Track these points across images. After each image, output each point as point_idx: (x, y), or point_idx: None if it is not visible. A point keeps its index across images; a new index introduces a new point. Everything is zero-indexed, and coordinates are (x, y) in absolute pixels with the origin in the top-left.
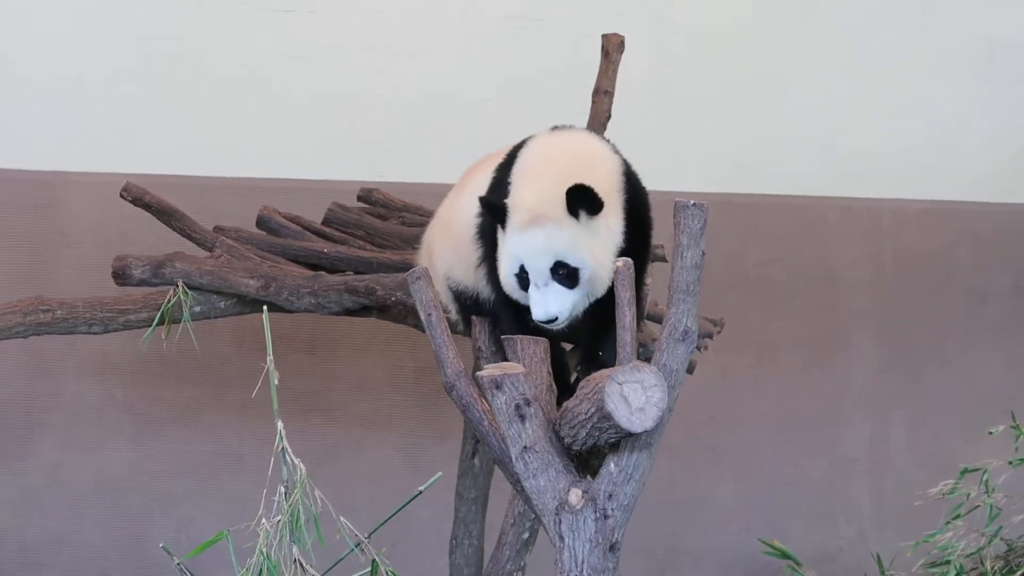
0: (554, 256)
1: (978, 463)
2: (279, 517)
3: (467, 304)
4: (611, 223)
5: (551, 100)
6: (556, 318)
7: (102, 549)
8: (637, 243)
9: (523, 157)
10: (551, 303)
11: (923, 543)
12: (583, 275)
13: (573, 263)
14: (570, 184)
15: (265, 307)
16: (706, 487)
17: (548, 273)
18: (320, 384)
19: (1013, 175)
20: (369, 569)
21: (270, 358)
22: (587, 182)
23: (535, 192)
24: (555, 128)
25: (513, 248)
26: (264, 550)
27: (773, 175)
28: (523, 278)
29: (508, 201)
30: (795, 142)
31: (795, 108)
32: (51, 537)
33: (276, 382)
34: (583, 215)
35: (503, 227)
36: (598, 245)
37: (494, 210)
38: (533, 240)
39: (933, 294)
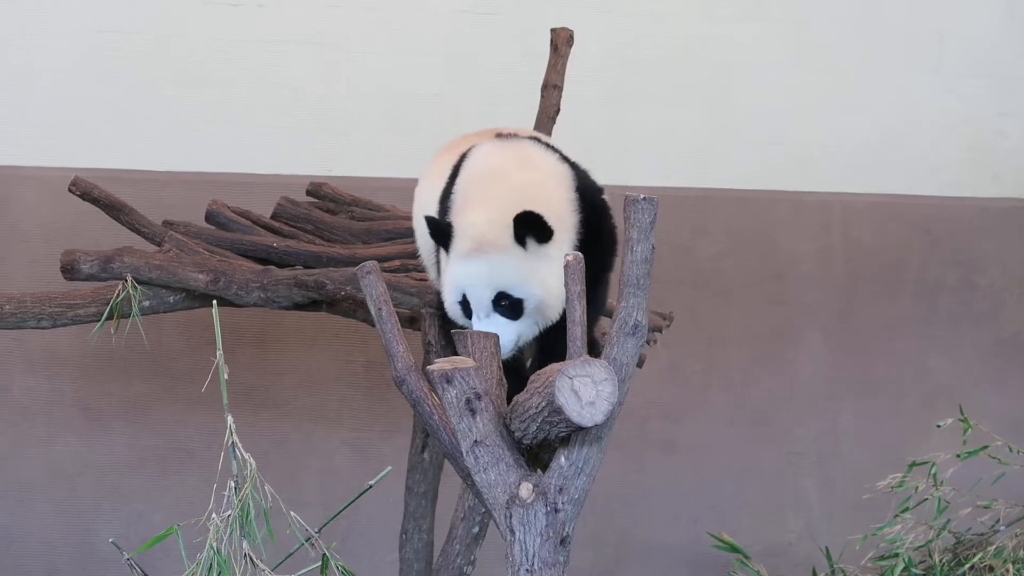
0: (496, 288)
1: (926, 456)
2: (229, 512)
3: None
4: (564, 247)
5: (503, 93)
6: (517, 349)
7: (50, 545)
8: (596, 258)
9: (468, 170)
10: (509, 334)
11: (872, 536)
12: (528, 306)
13: (516, 295)
14: (518, 209)
15: (215, 302)
16: (656, 481)
17: (490, 305)
18: (269, 379)
19: (963, 169)
20: (319, 564)
21: (220, 352)
22: (537, 207)
23: (480, 216)
24: (500, 136)
25: (455, 276)
26: (214, 545)
27: (723, 169)
28: (466, 306)
29: (452, 222)
30: (745, 136)
31: (745, 102)
32: None
33: (226, 376)
34: (531, 243)
35: (446, 250)
36: (548, 273)
37: (438, 233)
38: (475, 270)
39: (883, 288)
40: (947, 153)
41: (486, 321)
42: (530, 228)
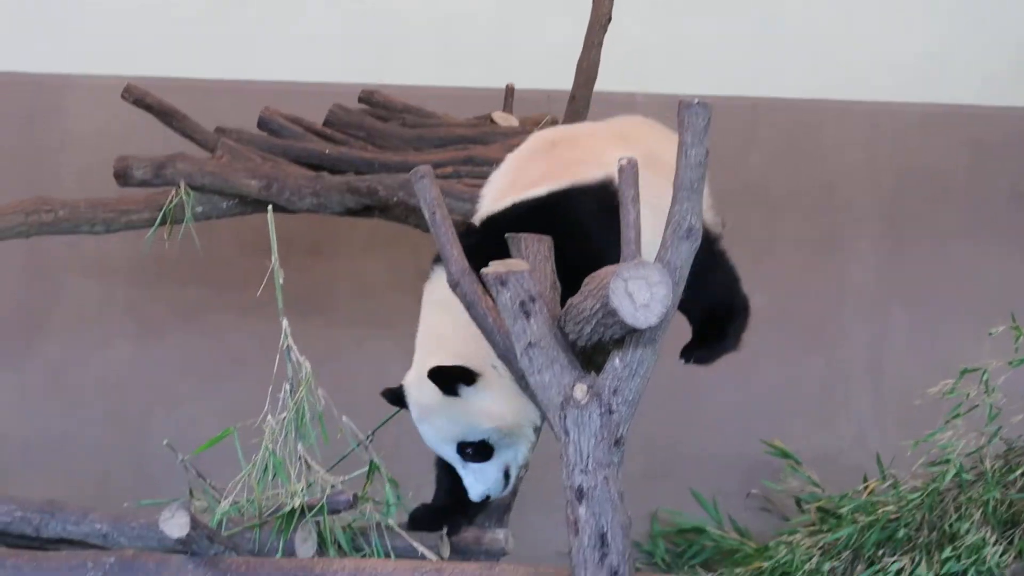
0: (451, 442)
1: (978, 363)
2: (284, 414)
3: None
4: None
5: (553, 4)
6: (489, 495)
7: (104, 450)
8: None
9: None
10: (476, 484)
11: (923, 443)
12: (493, 441)
13: (474, 438)
14: (431, 364)
15: (269, 207)
16: (707, 388)
17: (458, 458)
18: (322, 285)
19: (1013, 78)
20: (367, 469)
21: (275, 257)
22: (438, 349)
23: (411, 378)
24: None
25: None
26: (269, 446)
27: (773, 78)
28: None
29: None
30: (795, 45)
31: (795, 10)
32: (53, 438)
33: (281, 281)
34: (463, 388)
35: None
36: (491, 404)
37: (397, 400)
38: (427, 434)
39: (932, 197)
40: (997, 63)
41: (465, 472)
42: (448, 381)
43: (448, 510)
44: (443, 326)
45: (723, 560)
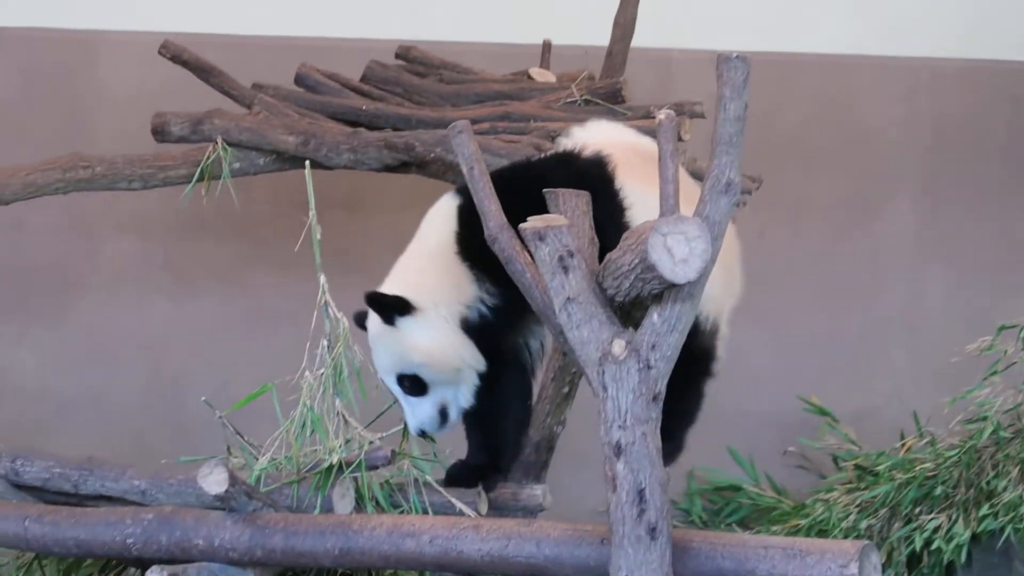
0: (389, 373)
1: (1015, 320)
2: (322, 370)
3: None
4: (447, 297)
5: None
6: (424, 430)
7: (142, 406)
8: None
9: None
10: (412, 418)
11: (960, 400)
12: (426, 377)
13: (408, 371)
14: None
15: (307, 162)
16: (743, 345)
17: (399, 389)
18: (359, 242)
19: None
20: (402, 427)
21: (312, 213)
22: (393, 282)
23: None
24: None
25: None
26: (307, 402)
27: (809, 34)
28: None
29: None
30: (832, 1)
31: None
32: (90, 395)
33: (319, 237)
34: (398, 319)
35: None
36: (422, 339)
37: (361, 325)
38: (375, 363)
39: (970, 154)
40: None
41: (404, 404)
42: (383, 309)
43: (484, 467)
44: (412, 256)
45: (760, 518)
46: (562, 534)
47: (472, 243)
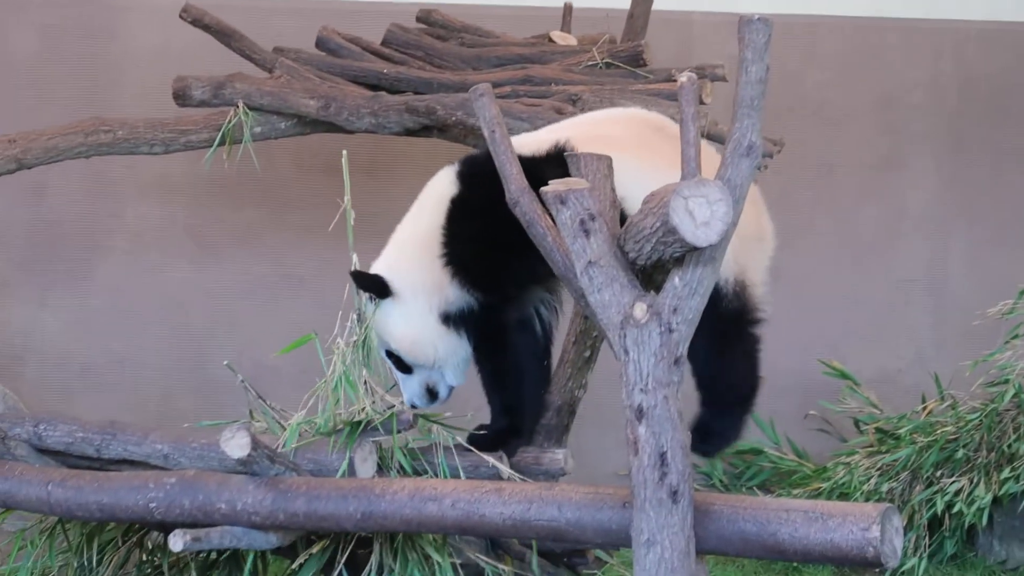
0: (381, 347)
1: None
2: (355, 337)
3: None
4: (427, 291)
5: None
6: (415, 405)
7: (164, 369)
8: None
9: None
10: (404, 391)
11: (982, 363)
12: (405, 359)
13: (392, 349)
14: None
15: (344, 152)
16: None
17: (390, 363)
18: (380, 206)
19: None
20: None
21: (347, 198)
22: (387, 252)
23: None
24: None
25: None
26: (341, 363)
27: None
28: None
29: None
30: None
31: None
32: (114, 358)
33: (352, 222)
34: (380, 301)
35: None
36: (395, 324)
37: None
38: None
39: (994, 116)
40: None
41: (397, 377)
42: (364, 288)
43: (506, 432)
44: (406, 231)
45: (781, 481)
46: (584, 497)
47: (456, 247)
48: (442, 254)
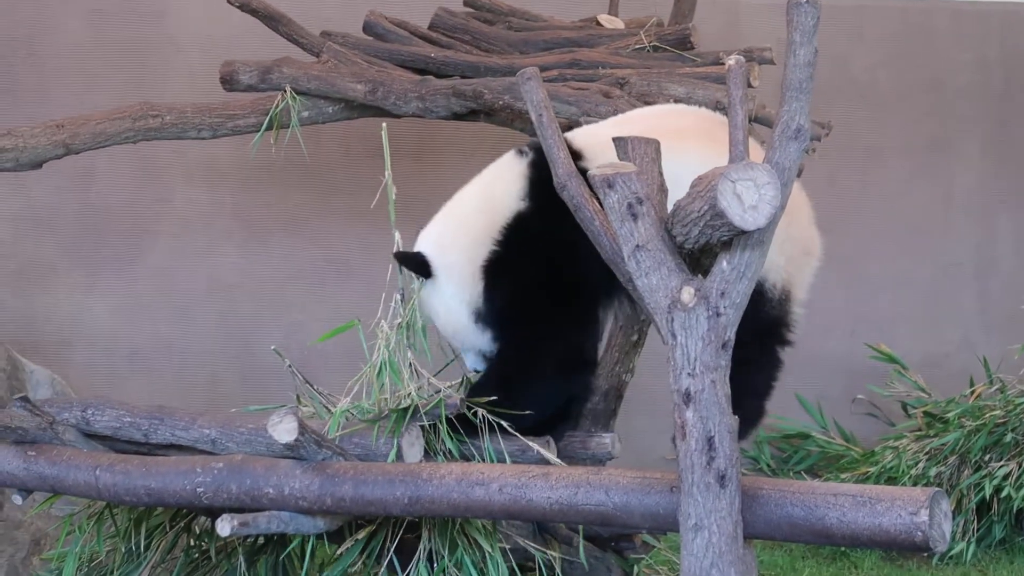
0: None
1: None
2: (399, 320)
3: None
4: (462, 286)
5: None
6: (478, 371)
7: (212, 354)
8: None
9: None
10: (466, 360)
11: None
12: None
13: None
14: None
15: (384, 124)
16: (812, 292)
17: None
18: (427, 190)
19: None
20: (460, 380)
21: (388, 172)
22: (432, 235)
23: None
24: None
25: None
26: (387, 346)
27: None
28: None
29: None
30: None
31: None
32: (161, 342)
33: (394, 196)
34: (425, 280)
35: None
36: (438, 308)
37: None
38: None
39: None
40: None
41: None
42: (404, 265)
43: (553, 416)
44: (461, 207)
45: (828, 465)
46: (631, 482)
47: (499, 264)
48: (483, 265)
